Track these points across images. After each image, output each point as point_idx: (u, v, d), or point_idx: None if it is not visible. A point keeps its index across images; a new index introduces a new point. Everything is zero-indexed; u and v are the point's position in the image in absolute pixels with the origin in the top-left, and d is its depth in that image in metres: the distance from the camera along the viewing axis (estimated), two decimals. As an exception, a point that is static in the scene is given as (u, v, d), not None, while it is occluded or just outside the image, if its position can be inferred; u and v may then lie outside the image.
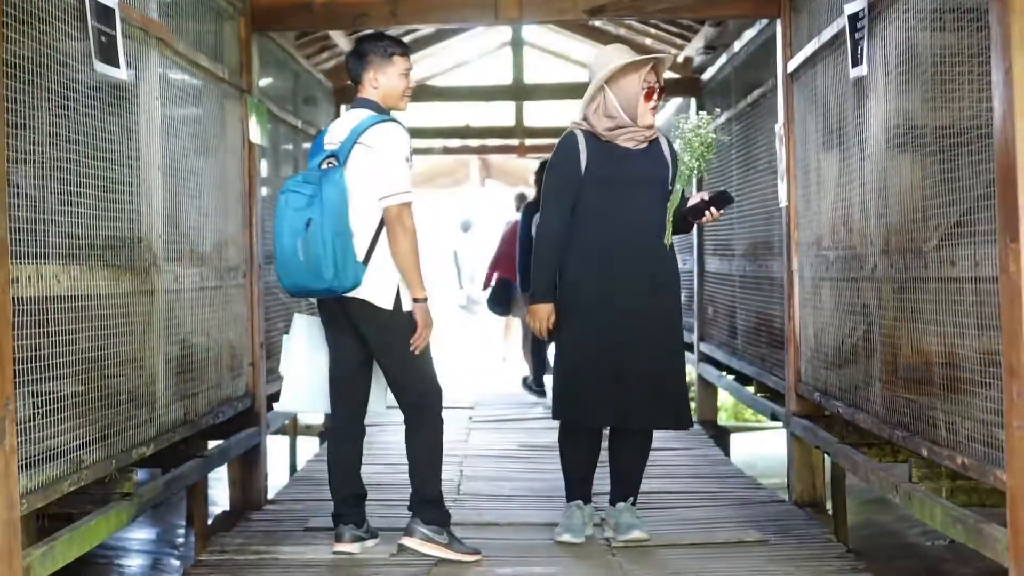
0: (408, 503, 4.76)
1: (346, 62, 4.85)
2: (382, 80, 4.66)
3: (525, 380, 10.25)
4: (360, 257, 4.49)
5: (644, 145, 4.77)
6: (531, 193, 10.52)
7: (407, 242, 4.49)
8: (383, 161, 4.49)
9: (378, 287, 4.51)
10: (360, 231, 4.50)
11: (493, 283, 10.33)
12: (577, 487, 5.01)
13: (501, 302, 10.32)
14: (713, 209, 4.69)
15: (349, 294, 4.49)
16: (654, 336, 4.75)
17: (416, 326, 4.54)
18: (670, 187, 4.76)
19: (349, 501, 4.78)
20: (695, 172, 4.70)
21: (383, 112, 4.65)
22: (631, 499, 4.97)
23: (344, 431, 4.81)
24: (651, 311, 4.75)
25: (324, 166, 4.53)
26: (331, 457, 4.83)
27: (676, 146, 4.75)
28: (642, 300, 4.73)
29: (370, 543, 4.80)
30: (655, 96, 4.75)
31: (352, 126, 4.56)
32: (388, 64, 4.66)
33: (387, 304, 4.53)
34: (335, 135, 4.62)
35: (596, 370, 4.74)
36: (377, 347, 4.63)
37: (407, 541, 4.67)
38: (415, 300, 4.54)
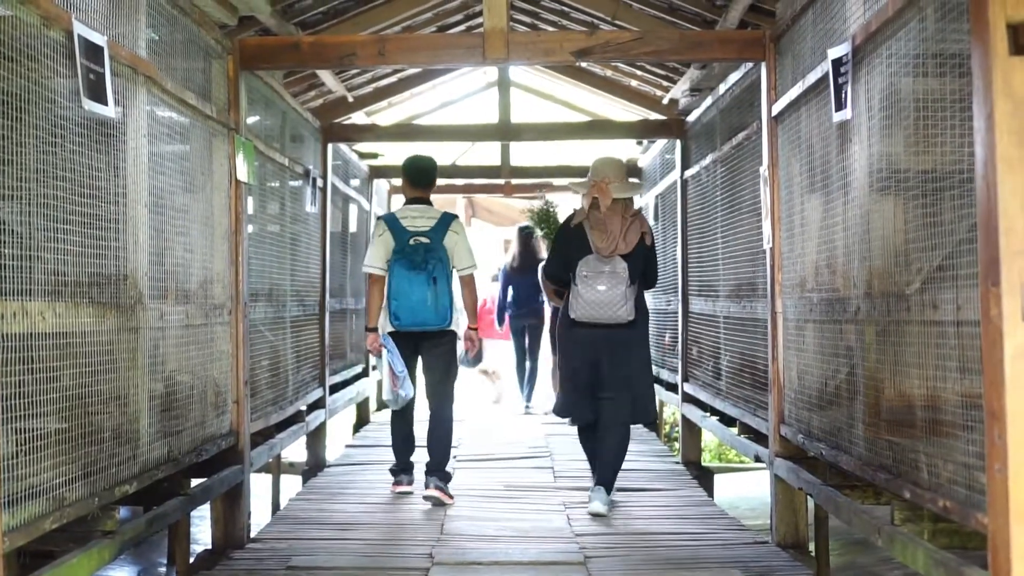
0: (426, 469, 6.93)
1: (425, 176, 7.17)
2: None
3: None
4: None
5: None
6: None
7: (475, 295, 7.03)
8: (464, 244, 6.89)
9: (455, 323, 6.92)
10: None
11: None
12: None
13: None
14: None
15: (445, 327, 6.82)
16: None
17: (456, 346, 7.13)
18: None
19: (405, 459, 7.27)
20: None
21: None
22: (605, 484, 6.62)
23: (404, 406, 7.03)
24: None
25: (413, 242, 6.71)
26: (394, 426, 7.25)
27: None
28: None
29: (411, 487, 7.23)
30: None
31: (436, 217, 6.87)
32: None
33: (460, 334, 7.05)
34: (420, 222, 6.83)
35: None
36: (438, 359, 6.99)
37: (431, 492, 6.83)
38: (472, 328, 7.06)
